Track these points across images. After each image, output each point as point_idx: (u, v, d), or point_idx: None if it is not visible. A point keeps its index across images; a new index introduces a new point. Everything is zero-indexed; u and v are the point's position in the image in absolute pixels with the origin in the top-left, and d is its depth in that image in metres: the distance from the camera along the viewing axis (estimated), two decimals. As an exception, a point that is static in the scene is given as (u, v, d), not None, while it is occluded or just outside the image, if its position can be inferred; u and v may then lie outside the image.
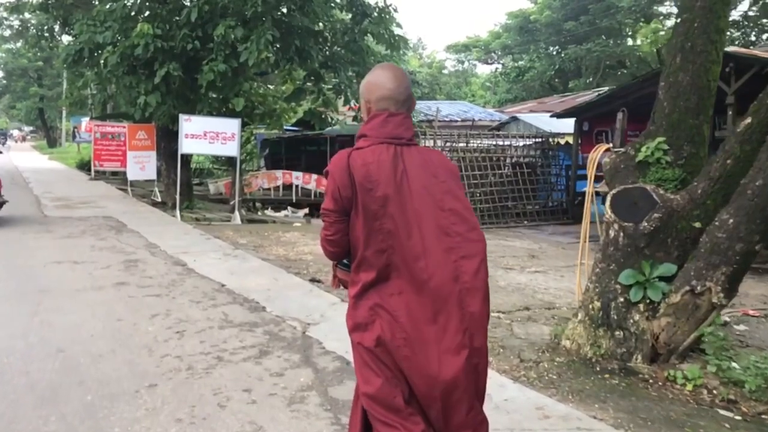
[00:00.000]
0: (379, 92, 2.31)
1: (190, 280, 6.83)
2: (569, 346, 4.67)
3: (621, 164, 4.75)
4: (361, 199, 2.20)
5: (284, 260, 8.53)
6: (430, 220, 2.21)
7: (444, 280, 2.18)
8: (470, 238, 2.23)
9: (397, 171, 2.22)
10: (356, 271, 2.29)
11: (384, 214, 2.19)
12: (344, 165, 2.22)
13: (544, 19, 37.26)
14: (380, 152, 2.23)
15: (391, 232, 2.20)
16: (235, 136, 12.55)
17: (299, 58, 13.09)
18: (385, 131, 2.27)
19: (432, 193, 2.23)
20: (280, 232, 11.48)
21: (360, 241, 2.23)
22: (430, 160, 2.31)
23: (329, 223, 2.30)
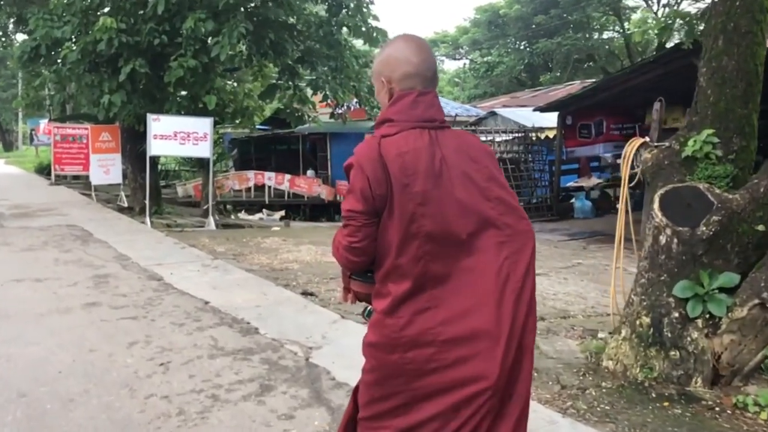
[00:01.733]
0: (403, 68, 1.99)
1: (168, 297, 6.12)
2: (613, 367, 4.13)
3: (665, 160, 4.23)
4: (397, 197, 1.87)
5: (269, 270, 7.85)
6: (476, 213, 1.91)
7: (492, 285, 1.88)
8: (520, 229, 1.95)
9: (435, 160, 1.90)
10: (383, 281, 1.94)
11: (423, 213, 1.87)
12: (376, 155, 1.88)
13: (514, 13, 36.99)
14: (414, 139, 1.91)
15: (431, 235, 1.88)
16: (208, 136, 11.80)
17: (274, 52, 12.38)
18: (416, 113, 1.95)
19: (475, 181, 1.94)
20: (259, 238, 10.77)
21: (392, 247, 1.89)
22: (468, 144, 2.01)
23: (355, 228, 1.92)
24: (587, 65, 39.15)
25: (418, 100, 1.97)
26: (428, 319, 1.88)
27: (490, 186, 1.95)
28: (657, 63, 13.06)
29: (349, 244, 1.94)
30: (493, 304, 1.86)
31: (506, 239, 1.91)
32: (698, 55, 12.83)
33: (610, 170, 17.54)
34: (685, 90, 16.30)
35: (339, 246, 2.00)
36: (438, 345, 1.87)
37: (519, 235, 1.94)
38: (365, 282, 2.03)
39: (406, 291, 1.89)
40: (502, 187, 1.99)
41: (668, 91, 15.76)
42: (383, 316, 1.93)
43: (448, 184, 1.90)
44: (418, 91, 1.98)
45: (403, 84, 1.99)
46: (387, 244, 1.90)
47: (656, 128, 4.49)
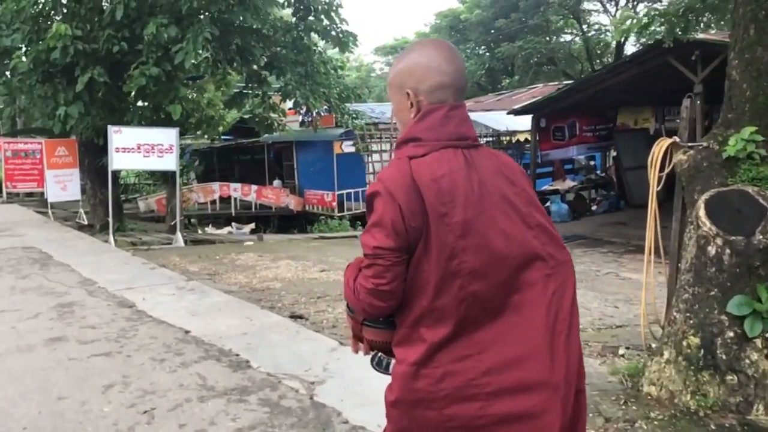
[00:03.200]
0: (434, 78, 1.72)
1: (144, 327, 5.51)
2: (657, 393, 3.72)
3: (703, 162, 3.85)
4: (434, 230, 1.60)
5: (250, 291, 7.28)
6: (520, 244, 1.66)
7: (541, 326, 1.64)
8: (562, 259, 1.73)
9: (473, 184, 1.65)
10: (413, 326, 1.66)
11: (464, 247, 1.60)
12: (409, 181, 1.60)
13: (475, 18, 36.95)
14: (448, 161, 1.65)
15: (475, 272, 1.61)
16: (174, 147, 11.14)
17: (241, 58, 11.80)
18: (447, 131, 1.69)
19: (516, 207, 1.70)
20: (233, 254, 10.16)
21: (427, 287, 1.62)
22: (505, 164, 1.76)
23: (384, 268, 1.62)
24: (548, 68, 39.37)
25: (450, 115, 1.71)
26: (471, 368, 1.62)
27: (531, 212, 1.72)
28: (632, 63, 12.91)
29: (376, 287, 1.63)
30: (545, 348, 1.63)
31: (551, 272, 1.68)
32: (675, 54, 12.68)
33: (584, 172, 17.45)
34: (657, 90, 16.26)
35: (360, 289, 1.68)
36: (484, 398, 1.61)
37: (562, 267, 1.71)
38: (383, 329, 1.73)
39: (444, 337, 1.62)
40: (542, 213, 1.76)
41: (639, 92, 15.79)
42: (415, 367, 1.64)
43: (489, 211, 1.65)
44: (450, 105, 1.71)
45: (434, 97, 1.72)
46: (420, 284, 1.63)
47: (686, 127, 4.12)
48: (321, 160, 21.84)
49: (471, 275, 1.60)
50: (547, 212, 7.17)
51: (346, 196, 20.04)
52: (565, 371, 1.64)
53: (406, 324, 1.67)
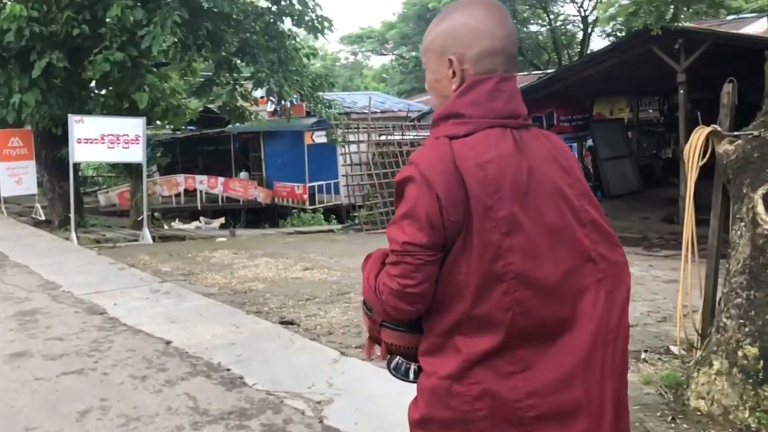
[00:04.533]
0: (482, 43, 1.48)
1: (119, 338, 4.95)
2: (707, 408, 3.37)
3: (754, 152, 3.49)
4: (477, 225, 1.37)
5: (230, 293, 6.75)
6: (570, 243, 1.44)
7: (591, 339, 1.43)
8: (615, 261, 1.50)
9: (522, 172, 1.42)
10: (447, 334, 1.45)
11: (510, 246, 1.38)
12: (450, 166, 1.38)
13: (443, 7, 36.35)
14: (496, 143, 1.42)
15: (522, 275, 1.39)
16: (140, 138, 10.47)
17: (211, 43, 11.15)
18: (495, 107, 1.46)
19: (569, 200, 1.47)
20: (206, 252, 9.57)
21: (465, 290, 1.40)
22: (558, 149, 1.53)
23: (414, 267, 1.41)
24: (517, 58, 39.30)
25: (500, 88, 1.46)
26: (513, 388, 1.41)
27: (584, 206, 1.49)
28: (615, 51, 12.73)
29: (402, 289, 1.42)
30: (595, 368, 1.43)
31: (602, 276, 1.46)
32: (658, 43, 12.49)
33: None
34: (634, 80, 16.08)
35: (383, 289, 1.47)
36: (528, 423, 1.41)
37: (615, 270, 1.48)
38: (406, 332, 1.52)
39: (485, 350, 1.41)
40: (596, 207, 1.52)
41: (617, 81, 15.63)
42: (448, 381, 1.43)
43: (538, 205, 1.42)
44: (500, 76, 1.46)
45: (482, 65, 1.47)
46: (456, 287, 1.41)
47: (727, 114, 3.76)
48: (290, 151, 21.23)
49: (517, 280, 1.38)
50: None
51: (318, 189, 19.48)
52: (612, 392, 1.45)
53: (437, 331, 1.45)
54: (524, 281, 1.39)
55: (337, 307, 6.07)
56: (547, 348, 1.42)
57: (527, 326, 1.40)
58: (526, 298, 1.39)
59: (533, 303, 1.39)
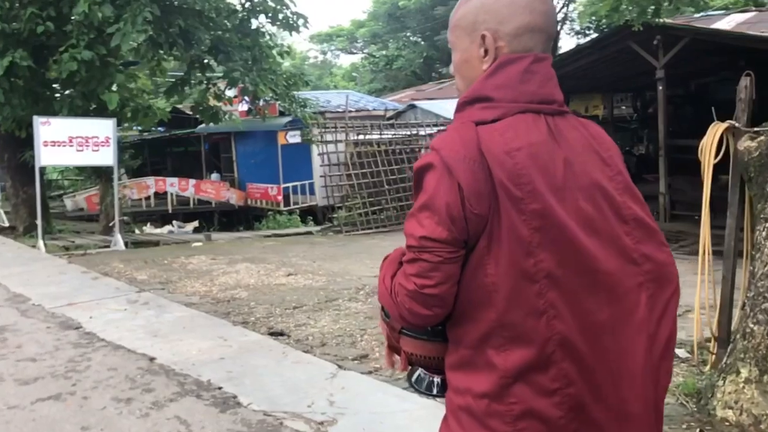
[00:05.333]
0: (521, 17, 1.33)
1: (98, 355, 4.61)
2: (736, 418, 3.19)
3: (778, 150, 3.32)
4: (505, 219, 1.22)
5: (213, 302, 6.43)
6: (610, 242, 1.29)
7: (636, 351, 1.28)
8: (662, 262, 1.34)
9: (557, 163, 1.27)
10: (478, 347, 1.28)
11: (541, 243, 1.22)
12: (474, 153, 1.24)
13: (413, 5, 36.49)
14: (527, 130, 1.27)
15: (554, 277, 1.23)
16: (110, 140, 10.03)
17: (184, 41, 10.76)
18: (528, 90, 1.31)
19: (609, 195, 1.32)
20: (182, 258, 9.20)
21: (495, 294, 1.24)
22: (597, 138, 1.38)
23: (432, 265, 1.26)
24: (487, 57, 39.39)
25: (533, 70, 1.33)
26: (558, 405, 1.26)
27: (626, 201, 1.34)
28: (593, 48, 12.68)
29: (419, 289, 1.28)
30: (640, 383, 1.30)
31: (645, 279, 1.32)
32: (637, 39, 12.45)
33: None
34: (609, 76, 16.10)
35: (399, 290, 1.33)
36: None
37: (661, 271, 1.34)
38: (428, 341, 1.39)
39: (524, 363, 1.26)
40: (640, 202, 1.38)
41: (592, 78, 15.62)
42: (486, 401, 1.28)
43: (574, 199, 1.28)
44: (534, 56, 1.33)
45: (519, 43, 1.34)
46: (484, 291, 1.26)
47: (744, 109, 3.60)
48: (263, 151, 20.84)
49: (549, 279, 1.24)
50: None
51: (293, 190, 19.15)
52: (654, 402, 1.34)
53: (466, 343, 1.30)
54: (557, 282, 1.25)
55: (327, 316, 5.80)
56: (591, 360, 1.28)
57: (568, 333, 1.25)
58: (561, 301, 1.25)
59: (569, 306, 1.25)
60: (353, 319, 5.66)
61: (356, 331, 5.30)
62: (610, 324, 1.29)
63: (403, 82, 40.58)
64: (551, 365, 1.26)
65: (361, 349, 4.85)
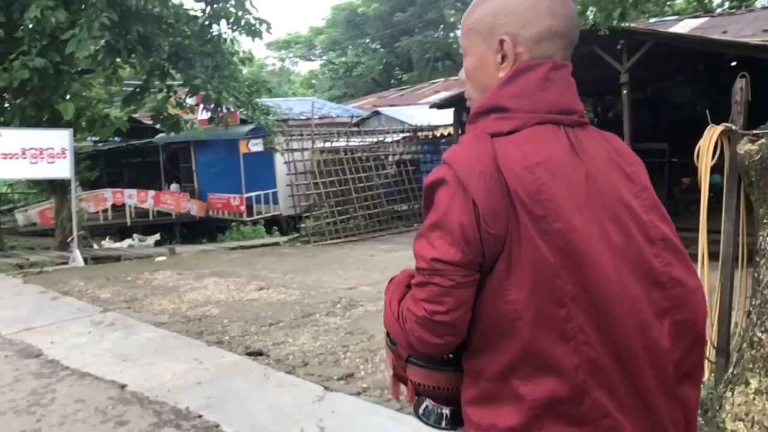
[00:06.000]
0: (542, 22, 1.23)
1: (63, 386, 4.28)
2: (747, 430, 3.08)
3: (781, 153, 3.24)
4: (525, 238, 1.13)
5: (184, 320, 6.11)
6: (636, 265, 1.19)
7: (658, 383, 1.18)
8: (692, 286, 1.24)
9: (579, 179, 1.18)
10: (502, 378, 1.17)
11: (566, 265, 1.13)
12: (490, 168, 1.15)
13: (372, 12, 36.45)
14: (547, 143, 1.18)
15: (581, 299, 1.13)
16: (67, 151, 9.58)
17: (143, 47, 10.37)
18: (547, 99, 1.21)
19: (635, 213, 1.22)
20: (146, 274, 8.80)
21: (520, 324, 1.14)
22: (620, 152, 1.27)
23: (443, 290, 1.16)
24: (446, 63, 39.64)
25: (552, 77, 1.24)
26: None
27: (654, 220, 1.25)
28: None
29: (429, 316, 1.19)
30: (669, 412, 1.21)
31: (671, 305, 1.22)
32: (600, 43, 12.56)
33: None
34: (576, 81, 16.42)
35: (407, 316, 1.23)
36: None
37: (690, 297, 1.24)
38: (437, 370, 1.29)
39: (555, 394, 1.15)
40: (666, 220, 1.29)
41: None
42: None
43: (597, 218, 1.18)
44: (553, 62, 1.24)
45: (539, 48, 1.25)
46: (506, 319, 1.16)
47: (740, 112, 3.52)
48: (224, 160, 20.37)
49: (576, 303, 1.15)
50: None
51: (255, 199, 18.74)
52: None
53: (489, 375, 1.20)
54: (585, 306, 1.15)
55: (306, 332, 5.56)
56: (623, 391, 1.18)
57: (595, 359, 1.16)
58: (589, 325, 1.16)
59: (597, 332, 1.16)
60: (333, 335, 5.43)
61: (338, 348, 5.07)
62: (635, 351, 1.19)
63: (363, 89, 40.60)
64: (585, 396, 1.16)
65: (346, 367, 4.63)
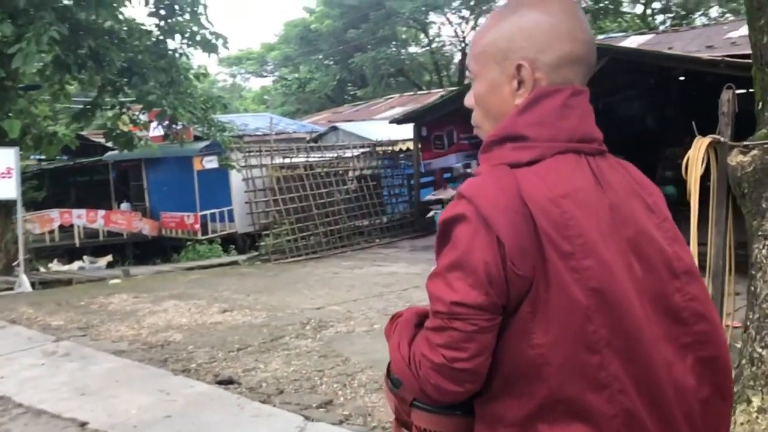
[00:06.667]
0: (563, 46, 1.16)
1: (16, 425, 3.93)
2: (749, 451, 3.00)
3: (773, 164, 3.20)
4: (554, 278, 1.05)
5: (144, 347, 5.78)
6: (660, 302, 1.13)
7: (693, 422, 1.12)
8: (716, 322, 1.17)
9: (604, 210, 1.11)
10: (527, 425, 1.09)
11: (598, 307, 1.06)
12: (516, 202, 1.07)
13: (325, 28, 36.35)
14: (571, 174, 1.12)
15: (615, 344, 1.07)
16: (12, 171, 9.10)
17: (94, 62, 9.96)
18: (567, 127, 1.15)
19: (660, 247, 1.15)
20: (101, 298, 8.37)
21: (546, 369, 1.07)
22: (639, 182, 1.22)
23: (467, 335, 1.07)
24: (398, 80, 39.86)
25: (571, 104, 1.16)
26: None
27: (677, 252, 1.18)
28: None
29: (450, 363, 1.09)
30: None
31: (693, 340, 1.15)
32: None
33: (461, 180, 17.38)
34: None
35: (422, 362, 1.12)
36: None
37: (713, 334, 1.17)
38: (445, 415, 1.19)
39: None
40: (688, 252, 1.22)
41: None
42: None
43: (623, 252, 1.11)
44: (573, 88, 1.17)
45: (559, 74, 1.17)
46: (531, 364, 1.08)
47: (728, 123, 3.49)
48: (177, 178, 19.86)
49: (611, 348, 1.08)
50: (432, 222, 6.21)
51: (210, 217, 18.31)
52: None
53: (510, 421, 1.11)
54: (619, 351, 1.08)
55: (277, 357, 5.31)
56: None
57: (631, 409, 1.09)
58: (624, 373, 1.09)
59: (631, 379, 1.09)
60: (306, 360, 5.20)
61: (313, 373, 4.84)
62: (668, 395, 1.13)
63: (316, 105, 40.56)
64: None
65: (324, 393, 4.41)
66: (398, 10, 33.38)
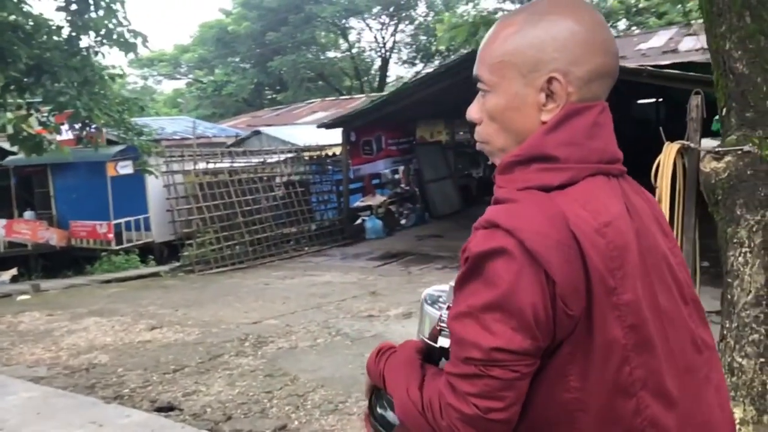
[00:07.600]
0: (595, 60, 1.06)
1: None
2: (737, 464, 2.94)
3: (746, 170, 3.18)
4: (599, 317, 0.97)
5: (67, 372, 5.24)
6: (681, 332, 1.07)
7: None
8: (714, 348, 1.17)
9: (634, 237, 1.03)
10: None
11: (636, 346, 1.00)
12: (566, 237, 0.97)
13: (243, 30, 35.54)
14: (607, 198, 1.04)
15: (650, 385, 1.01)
16: None
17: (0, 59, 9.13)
18: (597, 148, 1.07)
19: (674, 272, 1.10)
20: (9, 317, 7.63)
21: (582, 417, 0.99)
22: (651, 203, 1.16)
23: (506, 383, 0.97)
24: (319, 83, 39.55)
25: (601, 123, 1.07)
26: None
27: (686, 278, 1.14)
28: (446, 73, 12.84)
29: (484, 414, 0.96)
30: None
31: (708, 370, 1.13)
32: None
33: (390, 186, 17.31)
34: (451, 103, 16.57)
35: (445, 411, 1.00)
36: None
37: (715, 359, 1.15)
38: None
39: None
40: (689, 275, 1.19)
41: (437, 104, 15.99)
42: None
43: (650, 281, 1.03)
44: (602, 105, 1.08)
45: (587, 90, 1.07)
46: (565, 410, 0.99)
47: (697, 129, 3.46)
48: (88, 184, 18.71)
49: (646, 391, 1.01)
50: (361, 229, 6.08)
51: (126, 226, 17.34)
52: None
53: None
54: (654, 391, 1.02)
55: (219, 378, 4.93)
56: None
57: None
58: (660, 415, 1.02)
59: (667, 420, 1.03)
60: (251, 380, 4.85)
61: (261, 395, 4.51)
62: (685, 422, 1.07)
63: (233, 109, 39.65)
64: None
65: (276, 417, 4.10)
66: (318, 14, 33.12)
